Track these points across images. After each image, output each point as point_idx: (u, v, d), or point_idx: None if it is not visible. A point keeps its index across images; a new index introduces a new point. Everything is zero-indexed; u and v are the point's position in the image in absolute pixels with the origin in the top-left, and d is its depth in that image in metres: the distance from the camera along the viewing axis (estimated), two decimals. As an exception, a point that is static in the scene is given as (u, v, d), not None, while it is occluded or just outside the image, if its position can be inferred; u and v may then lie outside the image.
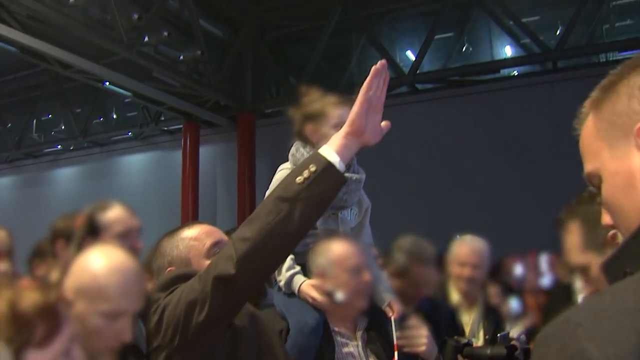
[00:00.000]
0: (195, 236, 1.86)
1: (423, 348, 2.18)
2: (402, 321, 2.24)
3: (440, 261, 3.27)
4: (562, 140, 8.30)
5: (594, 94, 0.90)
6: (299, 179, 1.52)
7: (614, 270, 0.73)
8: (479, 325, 3.26)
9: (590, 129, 0.90)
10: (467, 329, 3.22)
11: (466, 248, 3.28)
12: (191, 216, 10.06)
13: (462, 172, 8.62)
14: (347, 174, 2.31)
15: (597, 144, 0.87)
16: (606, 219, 0.89)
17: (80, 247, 2.26)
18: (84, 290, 1.51)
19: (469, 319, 3.26)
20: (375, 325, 2.23)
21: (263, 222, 1.49)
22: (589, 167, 0.90)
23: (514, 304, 3.99)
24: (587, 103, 0.91)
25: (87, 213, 2.37)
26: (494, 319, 3.30)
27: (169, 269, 1.84)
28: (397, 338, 2.17)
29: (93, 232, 2.32)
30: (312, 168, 1.53)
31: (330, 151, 1.58)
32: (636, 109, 0.80)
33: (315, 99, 2.44)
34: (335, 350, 2.10)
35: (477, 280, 3.27)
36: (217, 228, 1.95)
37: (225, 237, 1.89)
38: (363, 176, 2.42)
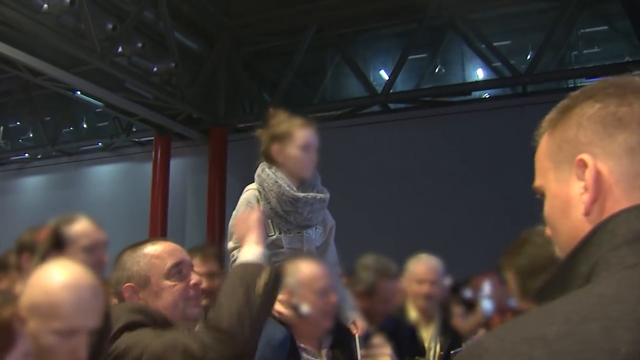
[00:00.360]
0: (157, 254, 1.84)
1: None
2: (366, 339, 2.29)
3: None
4: (532, 162, 8.40)
5: (553, 113, 0.92)
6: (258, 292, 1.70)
7: (544, 297, 0.75)
8: (436, 341, 3.33)
9: (543, 147, 0.94)
10: (425, 345, 3.29)
11: (423, 266, 3.36)
12: (160, 229, 9.95)
13: (433, 191, 8.70)
14: (311, 194, 2.43)
15: (546, 163, 0.91)
16: (548, 231, 0.93)
17: (44, 260, 2.26)
18: (37, 308, 1.46)
19: (427, 335, 3.32)
20: (339, 343, 2.28)
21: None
22: (537, 181, 0.95)
23: (486, 304, 4.04)
24: (546, 120, 0.94)
25: (53, 226, 2.34)
26: (450, 335, 3.38)
27: (126, 284, 1.82)
28: (362, 356, 2.22)
29: (58, 246, 2.29)
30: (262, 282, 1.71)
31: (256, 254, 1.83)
32: (581, 140, 0.83)
33: (282, 121, 2.54)
34: None
35: (434, 297, 3.35)
36: (180, 247, 1.93)
37: (187, 258, 1.88)
38: (327, 195, 2.52)
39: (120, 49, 7.78)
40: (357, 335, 2.29)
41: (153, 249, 1.85)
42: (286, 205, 2.42)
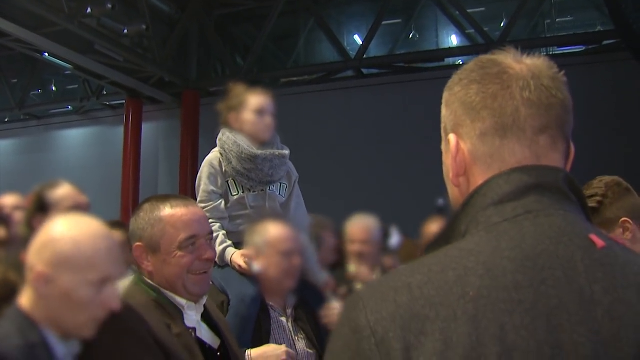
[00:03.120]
0: (173, 222, 1.77)
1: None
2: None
3: None
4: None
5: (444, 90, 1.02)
6: None
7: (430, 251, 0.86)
8: None
9: None
10: None
11: (355, 227, 3.43)
12: (132, 194, 9.90)
13: (404, 157, 8.77)
14: (269, 151, 2.57)
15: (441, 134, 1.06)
16: None
17: (31, 224, 2.33)
18: (69, 261, 1.42)
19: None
20: (302, 303, 2.39)
21: None
22: None
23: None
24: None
25: (36, 191, 2.43)
26: None
27: (137, 243, 1.79)
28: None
29: (42, 209, 2.36)
30: None
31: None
32: (450, 120, 0.96)
33: (239, 92, 2.69)
34: (270, 321, 2.25)
35: (368, 256, 3.43)
36: (200, 217, 1.85)
37: (204, 230, 1.83)
38: (287, 152, 2.66)
39: (89, 10, 7.61)
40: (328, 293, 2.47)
41: (170, 214, 1.78)
42: (246, 163, 2.53)
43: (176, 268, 1.75)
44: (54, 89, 12.21)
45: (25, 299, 1.46)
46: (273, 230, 2.32)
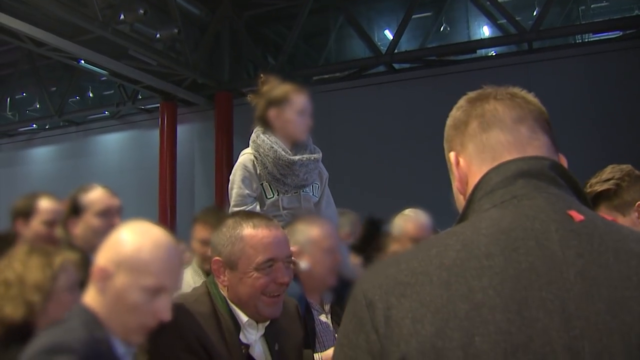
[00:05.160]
0: (253, 243, 1.79)
1: None
2: None
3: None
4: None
5: None
6: None
7: None
8: None
9: None
10: None
11: (411, 223, 3.34)
12: (169, 195, 10.04)
13: (438, 152, 8.66)
14: (305, 156, 2.56)
15: None
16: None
17: (65, 226, 2.47)
18: (127, 263, 1.46)
19: None
20: (340, 300, 2.39)
21: None
22: None
23: None
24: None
25: (72, 195, 2.53)
26: None
27: (217, 257, 1.82)
28: None
29: (76, 212, 2.47)
30: None
31: None
32: (450, 138, 1.16)
33: (277, 86, 2.65)
34: (314, 319, 2.26)
35: None
36: (280, 240, 1.85)
37: (283, 253, 1.84)
38: (320, 154, 2.66)
39: (122, 17, 7.73)
40: None
41: (252, 234, 1.80)
42: (283, 169, 2.53)
43: (251, 289, 1.77)
44: (90, 95, 12.43)
45: (89, 297, 1.50)
46: (315, 228, 2.33)
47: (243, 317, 1.79)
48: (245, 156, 2.65)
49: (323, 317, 2.31)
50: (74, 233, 2.47)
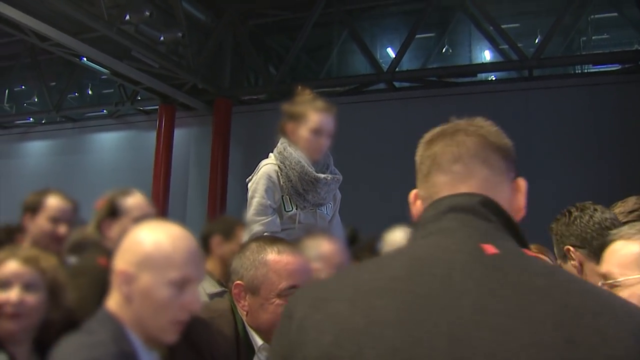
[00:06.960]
0: (276, 269, 1.77)
1: None
2: None
3: None
4: (533, 147, 8.48)
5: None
6: None
7: None
8: None
9: None
10: None
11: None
12: (162, 198, 10.01)
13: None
14: (330, 175, 2.59)
15: None
16: None
17: (100, 227, 2.44)
18: (150, 261, 1.44)
19: None
20: None
21: None
22: None
23: None
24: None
25: (109, 197, 2.52)
26: None
27: (238, 281, 1.80)
28: None
29: (113, 214, 2.46)
30: None
31: None
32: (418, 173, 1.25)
33: (304, 101, 2.60)
34: None
35: None
36: (304, 267, 1.85)
37: (306, 279, 1.82)
38: (340, 177, 2.67)
39: (127, 17, 7.75)
40: None
41: (276, 260, 1.79)
42: (306, 185, 2.53)
43: (272, 315, 1.75)
44: (90, 92, 12.44)
45: (112, 302, 1.48)
46: (326, 244, 2.33)
47: (258, 341, 1.77)
48: (270, 166, 2.59)
49: None
50: (108, 235, 2.43)
